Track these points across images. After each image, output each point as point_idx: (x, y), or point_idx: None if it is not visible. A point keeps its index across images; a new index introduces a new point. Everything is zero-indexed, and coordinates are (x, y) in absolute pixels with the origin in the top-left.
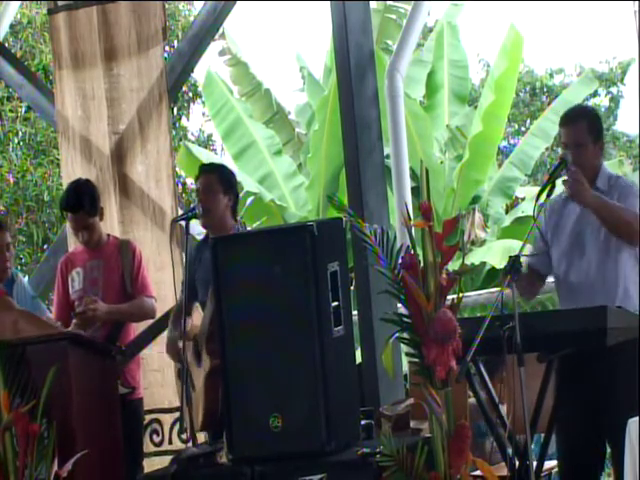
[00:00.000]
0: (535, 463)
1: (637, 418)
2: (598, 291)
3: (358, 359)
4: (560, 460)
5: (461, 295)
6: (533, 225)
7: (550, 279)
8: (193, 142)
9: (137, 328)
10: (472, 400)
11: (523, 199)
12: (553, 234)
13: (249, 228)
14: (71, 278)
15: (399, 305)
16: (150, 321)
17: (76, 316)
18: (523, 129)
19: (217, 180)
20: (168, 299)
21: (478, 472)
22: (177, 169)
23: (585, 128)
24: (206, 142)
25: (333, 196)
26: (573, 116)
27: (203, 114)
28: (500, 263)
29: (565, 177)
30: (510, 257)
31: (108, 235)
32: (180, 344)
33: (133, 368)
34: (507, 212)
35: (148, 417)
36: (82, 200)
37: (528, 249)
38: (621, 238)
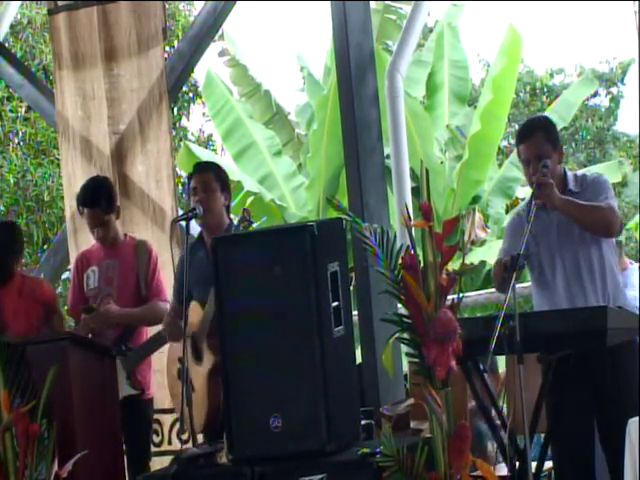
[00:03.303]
0: (535, 463)
1: (637, 418)
2: (588, 289)
3: (358, 359)
4: (556, 461)
5: (461, 295)
6: (527, 227)
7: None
8: (193, 142)
9: (150, 329)
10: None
11: (523, 199)
12: (537, 237)
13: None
14: (87, 276)
15: (399, 305)
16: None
17: (84, 311)
18: None
19: (214, 178)
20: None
21: (478, 472)
22: (177, 169)
23: (543, 139)
24: (206, 142)
25: (332, 198)
26: (528, 130)
27: (203, 114)
28: None
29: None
30: (512, 256)
31: (125, 235)
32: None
33: (144, 369)
34: (507, 212)
35: None
36: (99, 197)
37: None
38: (596, 233)
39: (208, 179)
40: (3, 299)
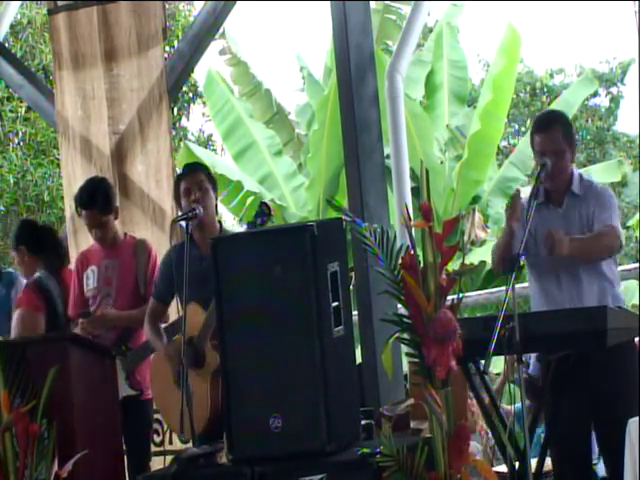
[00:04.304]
0: (535, 463)
1: (637, 418)
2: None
3: (358, 359)
4: (555, 461)
5: (461, 295)
6: (526, 229)
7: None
8: (193, 142)
9: None
10: None
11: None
12: (535, 235)
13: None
14: (86, 276)
15: (399, 305)
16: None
17: (81, 317)
18: (523, 129)
19: (206, 178)
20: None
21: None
22: (177, 169)
23: (561, 135)
24: (206, 142)
25: (332, 199)
26: (548, 122)
27: (203, 114)
28: None
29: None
30: (511, 256)
31: (125, 234)
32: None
33: (144, 369)
34: None
35: None
36: (95, 197)
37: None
38: (602, 259)
39: (201, 179)
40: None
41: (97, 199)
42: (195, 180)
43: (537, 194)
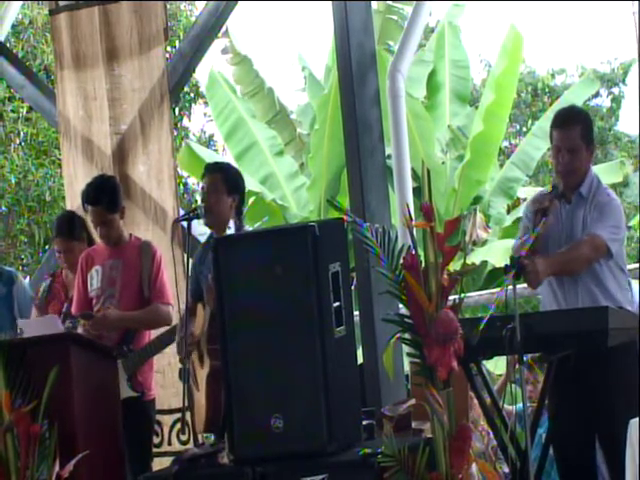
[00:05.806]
0: (536, 464)
1: (637, 419)
2: (584, 289)
3: (360, 359)
4: (557, 461)
5: (463, 295)
6: (534, 233)
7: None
8: (194, 142)
9: (153, 330)
10: None
11: (525, 200)
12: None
13: (250, 228)
14: (90, 276)
15: (400, 305)
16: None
17: (82, 318)
18: (525, 130)
19: (221, 180)
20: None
21: None
22: (179, 169)
23: (579, 133)
24: (207, 142)
25: (333, 199)
26: (568, 119)
27: (205, 114)
28: (501, 263)
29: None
30: (512, 256)
31: (130, 235)
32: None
33: (146, 370)
34: (509, 212)
35: None
36: (101, 195)
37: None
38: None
39: (214, 180)
40: None
41: (102, 197)
42: (208, 181)
43: (546, 213)
